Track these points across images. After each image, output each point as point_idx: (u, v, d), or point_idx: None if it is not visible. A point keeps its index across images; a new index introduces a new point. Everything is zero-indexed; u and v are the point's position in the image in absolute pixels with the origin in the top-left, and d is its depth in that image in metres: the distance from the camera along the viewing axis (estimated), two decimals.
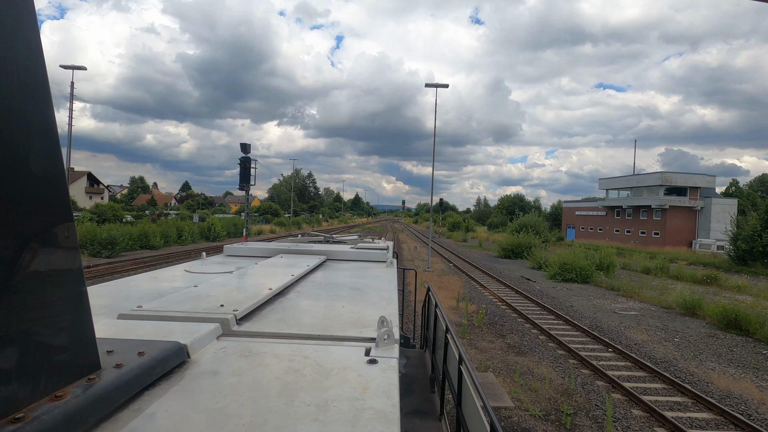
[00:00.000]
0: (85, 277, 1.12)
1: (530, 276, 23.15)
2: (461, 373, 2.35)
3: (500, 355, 9.81)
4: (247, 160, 18.97)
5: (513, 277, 22.35)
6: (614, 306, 16.10)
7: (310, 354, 1.54)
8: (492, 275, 22.34)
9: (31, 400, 0.90)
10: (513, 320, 13.20)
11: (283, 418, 1.07)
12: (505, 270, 25.39)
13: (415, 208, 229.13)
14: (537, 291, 18.46)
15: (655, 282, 22.88)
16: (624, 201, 49.74)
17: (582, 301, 16.84)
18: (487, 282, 20.40)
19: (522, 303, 15.82)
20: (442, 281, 19.46)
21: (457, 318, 13.04)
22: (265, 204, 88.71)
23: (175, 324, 1.69)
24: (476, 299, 16.08)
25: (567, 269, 21.93)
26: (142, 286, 2.72)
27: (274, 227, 53.42)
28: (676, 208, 44.15)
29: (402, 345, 3.33)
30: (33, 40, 0.93)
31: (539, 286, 19.86)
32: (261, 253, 4.52)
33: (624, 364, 9.55)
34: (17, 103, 0.88)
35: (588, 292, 19.00)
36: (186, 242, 32.53)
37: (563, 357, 9.91)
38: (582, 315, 14.25)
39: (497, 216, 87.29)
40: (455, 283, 19.18)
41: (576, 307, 15.58)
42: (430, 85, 23.56)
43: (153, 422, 1.04)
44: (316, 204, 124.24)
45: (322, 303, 2.41)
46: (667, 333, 12.45)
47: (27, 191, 0.91)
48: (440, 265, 26.41)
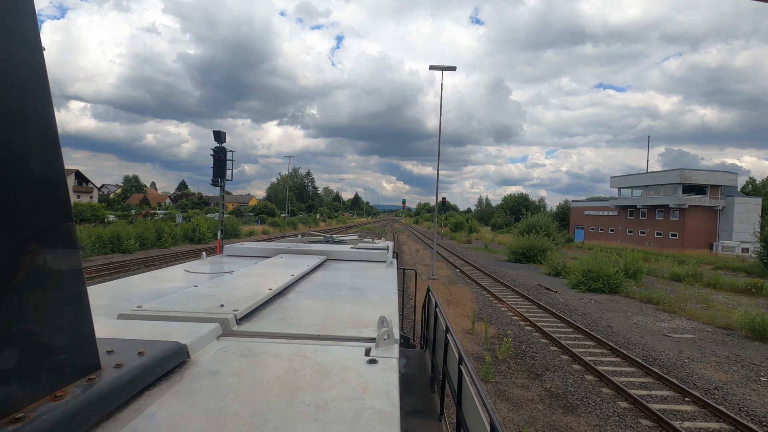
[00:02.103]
0: (85, 277, 1.11)
1: (549, 284, 20.36)
2: (461, 373, 2.37)
3: (543, 413, 7.02)
4: (221, 151, 16.18)
5: (530, 287, 19.56)
6: (660, 326, 13.32)
7: (310, 354, 1.54)
8: (506, 284, 19.56)
9: (31, 400, 0.91)
10: (545, 349, 10.42)
11: (283, 418, 1.07)
12: (518, 277, 22.60)
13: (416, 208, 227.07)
14: (562, 305, 15.68)
15: (690, 291, 20.11)
16: (639, 200, 46.79)
17: (619, 318, 14.05)
18: (502, 293, 17.62)
19: (550, 323, 13.04)
20: (451, 293, 16.67)
21: (474, 347, 10.25)
22: (261, 204, 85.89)
23: (175, 324, 1.67)
24: (494, 318, 13.31)
25: (592, 277, 19.14)
26: (142, 286, 2.73)
27: (267, 228, 50.55)
28: (696, 207, 41.28)
29: (402, 345, 3.30)
30: (33, 40, 0.93)
31: (563, 298, 17.09)
32: (261, 253, 4.48)
33: (719, 426, 6.76)
34: (17, 103, 0.88)
35: (621, 305, 16.22)
36: (166, 245, 29.74)
37: (630, 414, 7.11)
38: (627, 340, 11.47)
39: (501, 216, 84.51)
40: (466, 296, 16.40)
41: (615, 327, 12.80)
42: (435, 67, 20.76)
43: (153, 422, 1.03)
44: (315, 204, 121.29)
45: (322, 303, 2.40)
46: (745, 368, 9.66)
47: (27, 191, 0.92)
48: (446, 271, 23.62)
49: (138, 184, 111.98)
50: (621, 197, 50.87)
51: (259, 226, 51.89)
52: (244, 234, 42.09)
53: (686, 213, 41.29)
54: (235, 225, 40.83)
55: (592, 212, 56.47)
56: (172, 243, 30.61)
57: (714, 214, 41.99)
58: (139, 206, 77.65)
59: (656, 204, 44.23)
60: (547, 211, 70.72)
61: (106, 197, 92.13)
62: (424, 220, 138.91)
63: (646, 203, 45.57)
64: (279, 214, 76.04)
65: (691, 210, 41.19)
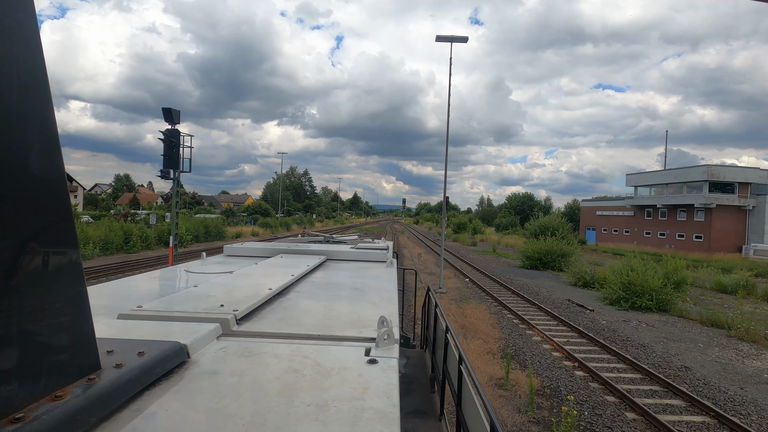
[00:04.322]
0: (85, 277, 1.10)
1: (579, 299, 16.90)
2: (461, 373, 2.37)
3: None
4: (173, 134, 12.67)
5: (558, 303, 16.09)
6: (752, 365, 9.86)
7: (310, 354, 1.53)
8: (528, 299, 16.08)
9: (31, 400, 0.90)
10: (617, 416, 6.94)
11: (283, 418, 1.07)
12: (540, 289, 19.11)
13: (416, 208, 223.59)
14: (608, 331, 12.22)
15: (748, 307, 16.66)
16: (659, 199, 43.18)
17: (692, 354, 10.58)
18: (527, 312, 14.15)
19: (606, 363, 9.56)
20: (465, 315, 13.19)
21: (514, 415, 6.77)
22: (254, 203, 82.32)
23: (175, 324, 1.67)
24: (527, 352, 9.85)
25: (635, 291, 15.66)
26: (142, 286, 2.73)
27: (257, 229, 47.00)
28: (723, 207, 37.75)
29: (402, 345, 3.27)
30: (33, 40, 0.92)
31: (604, 320, 13.62)
32: (261, 253, 4.44)
33: None
34: (17, 103, 0.88)
35: (682, 331, 12.75)
36: (134, 249, 26.24)
37: None
38: (726, 395, 8.02)
39: (505, 216, 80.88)
40: (484, 318, 12.92)
41: (695, 369, 9.34)
42: (443, 38, 17.29)
43: (153, 422, 1.03)
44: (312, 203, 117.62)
45: (322, 303, 2.40)
46: None
47: (27, 191, 0.91)
48: (454, 282, 20.12)
49: (129, 183, 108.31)
50: (638, 196, 47.34)
51: (248, 227, 48.24)
52: (229, 236, 38.59)
53: (713, 213, 37.80)
54: (219, 226, 37.31)
55: (605, 212, 52.90)
56: (142, 247, 27.12)
57: (743, 214, 38.49)
58: (128, 206, 74.40)
59: (678, 203, 40.70)
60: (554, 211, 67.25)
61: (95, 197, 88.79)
62: (425, 220, 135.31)
63: (667, 202, 42.01)
64: (274, 214, 72.49)
65: (719, 210, 37.69)
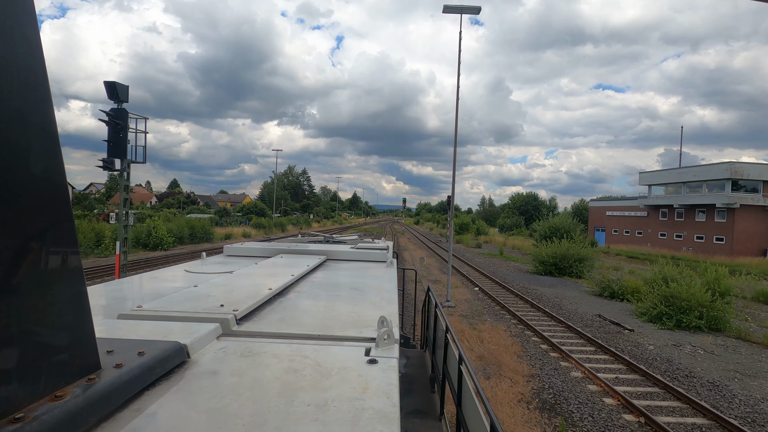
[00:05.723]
0: (85, 277, 1.09)
1: (610, 313, 14.41)
2: (461, 373, 2.38)
3: None
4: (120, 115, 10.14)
5: (588, 320, 13.58)
6: None
7: (310, 354, 1.53)
8: (552, 314, 13.59)
9: (31, 400, 0.90)
10: None
11: (283, 418, 1.07)
12: (563, 301, 16.58)
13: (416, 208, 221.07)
14: (659, 360, 9.73)
15: None
16: (676, 199, 40.53)
17: None
18: (555, 334, 11.66)
19: (681, 418, 7.05)
20: (482, 338, 10.68)
21: None
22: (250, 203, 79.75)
23: (175, 324, 1.66)
24: (573, 401, 7.34)
25: (680, 307, 13.16)
26: (142, 286, 2.75)
27: (249, 230, 44.40)
28: (747, 207, 35.18)
29: (402, 345, 3.21)
30: (33, 40, 0.92)
31: (650, 344, 11.12)
32: (261, 253, 4.43)
33: None
34: (17, 103, 0.88)
35: (751, 360, 10.24)
36: (107, 252, 23.72)
37: None
38: None
39: (509, 217, 78.36)
40: (505, 343, 10.41)
41: None
42: (451, 8, 14.78)
43: (153, 422, 1.03)
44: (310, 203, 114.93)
45: (322, 303, 2.39)
46: None
47: (27, 191, 0.91)
48: (463, 291, 17.61)
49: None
50: (652, 195, 44.79)
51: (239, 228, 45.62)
52: (218, 238, 36.03)
53: (735, 213, 35.26)
54: (206, 227, 34.75)
55: (616, 212, 50.32)
56: (114, 250, 24.59)
57: (767, 215, 35.96)
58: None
59: (698, 203, 38.14)
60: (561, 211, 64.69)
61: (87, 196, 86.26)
62: (425, 220, 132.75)
63: (684, 202, 39.43)
64: (270, 213, 69.92)
65: (742, 210, 35.13)
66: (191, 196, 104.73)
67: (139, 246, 27.00)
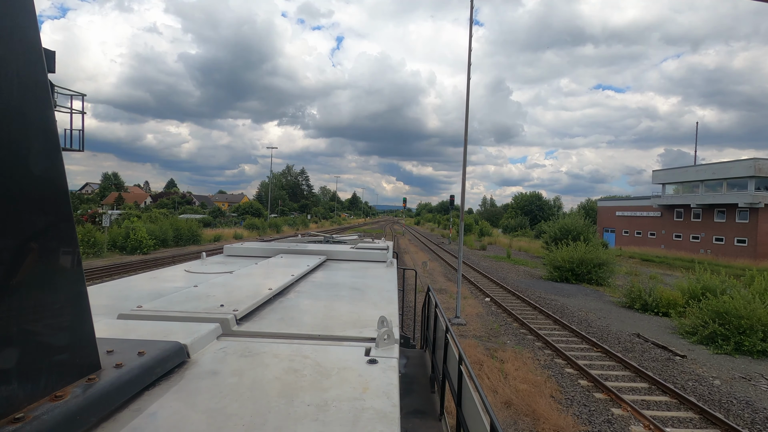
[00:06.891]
0: (85, 277, 1.09)
1: (648, 331, 12.21)
2: (461, 373, 2.35)
3: None
4: None
5: (624, 340, 11.37)
6: None
7: (310, 354, 1.53)
8: (582, 333, 11.37)
9: (31, 400, 0.90)
10: None
11: (283, 418, 1.07)
12: (589, 315, 14.34)
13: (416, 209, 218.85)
14: (734, 400, 7.56)
15: None
16: (693, 198, 38.14)
17: None
18: (593, 362, 9.44)
19: None
20: (506, 371, 8.45)
21: None
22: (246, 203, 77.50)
23: (175, 324, 1.66)
24: None
25: (739, 326, 10.93)
26: (142, 286, 2.71)
27: (241, 231, 42.15)
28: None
29: (402, 345, 3.25)
30: (33, 40, 0.93)
31: (713, 376, 8.90)
32: (261, 253, 4.43)
33: None
34: (17, 103, 0.88)
35: None
36: None
37: None
38: None
39: (512, 217, 76.04)
40: (535, 380, 8.18)
41: None
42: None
43: (153, 422, 1.03)
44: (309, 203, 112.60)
45: (322, 303, 2.39)
46: None
47: (27, 191, 0.91)
48: (473, 303, 15.38)
49: (118, 182, 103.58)
50: (666, 195, 42.50)
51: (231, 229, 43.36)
52: (206, 240, 33.79)
53: (759, 213, 33.00)
54: (193, 229, 32.51)
55: (627, 213, 48.02)
56: (89, 254, 22.38)
57: None
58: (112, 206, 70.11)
59: (717, 203, 35.87)
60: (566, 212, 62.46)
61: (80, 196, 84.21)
62: (426, 221, 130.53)
63: (702, 202, 37.14)
64: (266, 214, 67.69)
65: (766, 210, 32.91)
66: (186, 196, 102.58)
67: (116, 249, 24.79)
